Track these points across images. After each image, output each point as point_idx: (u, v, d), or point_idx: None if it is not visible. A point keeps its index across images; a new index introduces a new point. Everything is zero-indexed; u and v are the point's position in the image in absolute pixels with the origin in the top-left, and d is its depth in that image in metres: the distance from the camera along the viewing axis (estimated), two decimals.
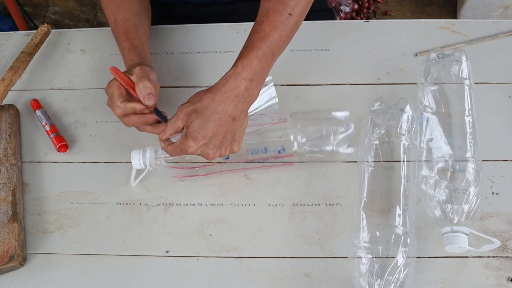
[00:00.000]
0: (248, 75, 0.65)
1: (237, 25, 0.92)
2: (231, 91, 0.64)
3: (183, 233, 0.72)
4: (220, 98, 0.64)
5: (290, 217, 0.72)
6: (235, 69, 0.65)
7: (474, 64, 0.81)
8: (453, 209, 0.65)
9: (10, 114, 0.82)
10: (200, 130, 0.65)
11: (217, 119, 0.64)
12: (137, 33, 0.81)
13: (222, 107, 0.64)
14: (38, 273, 0.70)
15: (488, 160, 0.75)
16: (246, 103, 0.66)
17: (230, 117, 0.65)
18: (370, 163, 0.70)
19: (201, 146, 0.65)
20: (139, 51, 0.79)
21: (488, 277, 0.66)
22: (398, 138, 0.70)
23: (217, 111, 0.64)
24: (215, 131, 0.65)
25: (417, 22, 0.91)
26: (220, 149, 0.67)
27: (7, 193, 0.74)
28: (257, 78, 0.66)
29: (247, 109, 0.68)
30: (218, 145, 0.66)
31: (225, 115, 0.64)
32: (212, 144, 0.66)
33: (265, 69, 0.67)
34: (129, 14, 0.81)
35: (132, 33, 0.80)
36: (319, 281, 0.67)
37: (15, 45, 0.94)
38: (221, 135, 0.65)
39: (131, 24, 0.81)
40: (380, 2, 2.10)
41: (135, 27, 0.81)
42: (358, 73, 0.85)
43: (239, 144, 0.68)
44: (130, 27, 0.81)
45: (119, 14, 0.81)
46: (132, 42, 0.79)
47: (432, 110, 0.73)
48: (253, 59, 0.65)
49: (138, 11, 0.83)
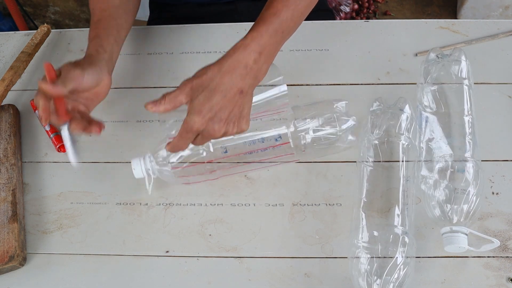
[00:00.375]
0: (257, 48, 0.62)
1: (237, 25, 0.92)
2: (239, 62, 0.61)
3: (183, 233, 0.72)
4: (227, 69, 0.60)
5: (290, 217, 0.72)
6: (244, 40, 0.62)
7: (474, 64, 0.81)
8: (452, 209, 0.65)
9: (10, 114, 0.82)
10: (205, 103, 0.60)
11: (223, 91, 0.60)
12: (108, 23, 0.76)
13: (229, 78, 0.60)
14: (38, 273, 0.70)
15: (488, 160, 0.75)
16: (254, 78, 0.62)
17: (238, 89, 0.61)
18: (370, 163, 0.70)
19: (206, 120, 0.60)
20: (101, 40, 0.73)
21: (488, 277, 0.66)
22: (397, 138, 0.70)
23: (224, 82, 0.60)
24: (222, 104, 0.60)
25: (417, 22, 0.91)
26: (228, 124, 0.62)
27: (7, 193, 0.74)
28: (266, 52, 0.63)
29: (254, 85, 0.64)
30: (225, 120, 0.61)
31: (232, 87, 0.60)
32: (219, 118, 0.61)
33: (275, 46, 0.64)
34: (107, 5, 0.77)
35: (103, 23, 0.75)
36: (319, 281, 0.67)
37: (15, 45, 0.94)
38: (228, 109, 0.61)
39: (106, 15, 0.77)
40: (380, 2, 2.10)
41: (109, 18, 0.76)
42: (358, 73, 0.85)
43: (247, 122, 0.64)
44: (103, 18, 0.76)
45: (98, 4, 0.77)
46: (97, 32, 0.74)
47: (432, 110, 0.73)
48: (264, 33, 0.62)
49: (118, 3, 0.79)
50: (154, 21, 1.09)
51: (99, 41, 0.73)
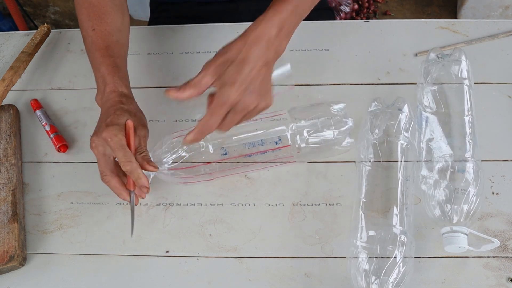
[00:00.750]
0: (278, 22, 0.62)
1: (237, 25, 0.92)
2: (262, 35, 0.61)
3: (183, 233, 0.72)
4: (252, 41, 0.60)
5: (290, 217, 0.72)
6: (265, 14, 0.62)
7: (474, 64, 0.81)
8: (452, 209, 0.65)
9: (10, 114, 0.82)
10: (237, 74, 0.59)
11: (252, 61, 0.59)
12: (119, 52, 0.73)
13: (256, 49, 0.60)
14: (38, 273, 0.70)
15: (488, 160, 0.75)
16: (275, 52, 0.62)
17: (264, 61, 0.60)
18: (368, 163, 0.70)
19: (242, 91, 0.59)
20: (124, 75, 0.71)
21: (488, 277, 0.66)
22: (396, 138, 0.70)
23: (251, 53, 0.59)
24: (253, 75, 0.59)
25: (417, 22, 0.91)
26: (258, 96, 0.61)
27: (7, 193, 0.74)
28: (286, 28, 0.63)
29: (275, 59, 0.63)
30: (258, 92, 0.60)
31: (259, 58, 0.60)
32: (251, 90, 0.60)
33: (293, 24, 0.65)
34: (111, 28, 0.74)
35: (115, 50, 0.72)
36: (319, 281, 0.67)
37: (15, 45, 0.94)
38: (258, 80, 0.60)
39: (113, 40, 0.73)
40: (380, 2, 2.10)
41: (117, 45, 0.73)
42: (358, 73, 0.85)
43: (272, 97, 0.63)
44: (112, 43, 0.72)
45: (100, 25, 0.73)
46: (115, 62, 0.71)
47: (432, 110, 0.73)
48: (283, 9, 0.62)
49: (120, 27, 0.76)
50: (155, 20, 1.09)
51: (122, 74, 0.71)
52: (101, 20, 0.74)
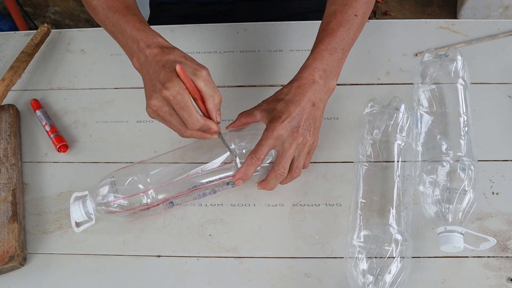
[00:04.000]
0: (320, 66, 0.67)
1: (237, 25, 0.92)
2: (307, 79, 0.67)
3: (183, 233, 0.72)
4: (298, 85, 0.66)
5: (290, 217, 0.72)
6: (306, 62, 0.68)
7: (474, 64, 0.81)
8: (448, 209, 0.65)
9: (10, 114, 0.82)
10: (283, 110, 0.65)
11: (298, 101, 0.65)
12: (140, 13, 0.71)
13: (301, 91, 0.66)
14: (38, 273, 0.70)
15: (488, 160, 0.75)
16: (323, 92, 0.68)
17: (309, 101, 0.66)
18: (366, 164, 0.70)
19: (285, 124, 0.64)
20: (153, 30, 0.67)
21: (488, 277, 0.66)
22: (393, 138, 0.70)
23: (297, 94, 0.66)
24: (298, 112, 0.65)
25: (417, 22, 0.91)
26: (306, 131, 0.66)
27: (7, 193, 0.74)
28: (330, 69, 0.68)
29: (325, 100, 0.69)
30: (302, 126, 0.66)
31: (305, 99, 0.66)
32: (296, 122, 0.65)
33: (337, 62, 0.69)
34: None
35: (136, 10, 0.70)
36: (319, 281, 0.67)
37: (15, 45, 0.94)
38: (304, 116, 0.66)
39: (131, 2, 0.71)
40: (380, 2, 2.10)
41: (136, 6, 0.72)
42: (358, 73, 0.85)
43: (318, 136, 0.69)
44: (131, 4, 0.71)
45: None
46: (140, 19, 0.68)
47: (429, 110, 0.73)
48: (323, 52, 0.68)
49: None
50: (154, 20, 1.09)
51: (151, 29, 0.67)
52: None
